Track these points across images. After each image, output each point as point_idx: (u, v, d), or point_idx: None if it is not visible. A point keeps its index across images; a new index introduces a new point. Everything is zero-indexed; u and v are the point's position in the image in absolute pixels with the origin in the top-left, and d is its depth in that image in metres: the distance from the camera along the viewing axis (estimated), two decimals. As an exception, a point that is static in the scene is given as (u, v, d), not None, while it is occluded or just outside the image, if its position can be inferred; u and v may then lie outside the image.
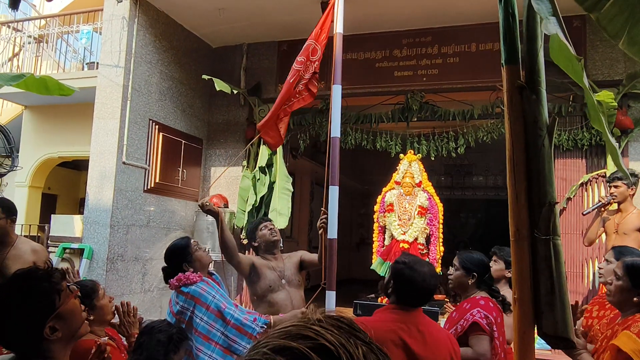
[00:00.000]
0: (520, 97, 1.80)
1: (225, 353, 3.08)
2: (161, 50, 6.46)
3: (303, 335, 0.52)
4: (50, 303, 1.51)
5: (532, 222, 1.73)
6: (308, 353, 0.50)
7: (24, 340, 1.49)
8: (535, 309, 1.71)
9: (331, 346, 0.51)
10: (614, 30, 1.85)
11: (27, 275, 1.56)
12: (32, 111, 9.03)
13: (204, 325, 3.10)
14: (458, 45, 6.29)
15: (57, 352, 1.54)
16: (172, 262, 3.28)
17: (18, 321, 1.48)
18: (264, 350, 0.52)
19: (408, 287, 2.29)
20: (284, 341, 0.52)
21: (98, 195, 5.73)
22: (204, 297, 3.14)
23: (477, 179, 12.30)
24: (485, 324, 2.68)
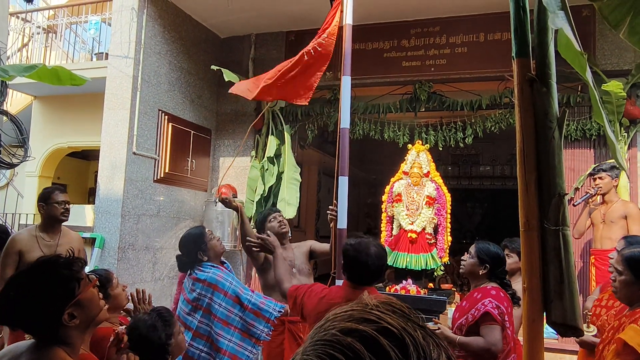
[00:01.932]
0: (531, 90, 1.82)
1: (244, 336, 3.17)
2: (170, 40, 6.48)
3: (366, 319, 0.57)
4: (70, 290, 1.57)
5: (542, 213, 1.76)
6: (375, 335, 0.54)
7: (44, 325, 1.55)
8: (545, 298, 1.75)
9: (394, 329, 0.55)
10: (616, 19, 1.87)
11: (50, 263, 1.62)
12: (41, 102, 9.10)
13: (222, 311, 3.19)
14: (466, 35, 6.28)
15: (75, 338, 1.59)
16: (187, 251, 3.35)
17: (39, 306, 1.54)
18: (332, 332, 0.56)
19: (353, 266, 2.48)
20: (350, 324, 0.56)
21: (109, 185, 5.79)
22: (221, 283, 3.22)
23: (484, 168, 12.29)
24: (497, 314, 2.72)
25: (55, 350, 1.53)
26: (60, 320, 1.53)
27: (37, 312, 1.53)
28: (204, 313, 3.22)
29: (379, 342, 0.54)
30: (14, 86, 7.60)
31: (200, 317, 3.23)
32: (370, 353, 0.53)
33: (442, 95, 6.35)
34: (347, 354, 0.53)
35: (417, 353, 0.54)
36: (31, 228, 3.74)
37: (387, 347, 0.53)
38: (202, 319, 3.23)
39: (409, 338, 0.55)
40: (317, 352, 0.55)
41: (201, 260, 3.34)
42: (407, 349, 0.54)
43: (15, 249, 3.51)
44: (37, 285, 1.55)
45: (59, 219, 3.69)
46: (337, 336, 0.56)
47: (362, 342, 0.54)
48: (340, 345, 0.54)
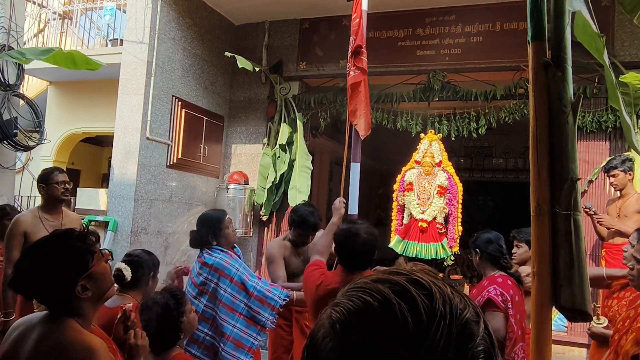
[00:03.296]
0: (546, 74, 1.81)
1: (249, 323, 3.18)
2: (184, 27, 6.50)
3: (397, 273, 0.60)
4: (84, 263, 1.61)
5: (553, 198, 1.75)
6: (405, 283, 0.57)
7: (58, 296, 1.59)
8: (554, 283, 1.75)
9: (423, 281, 0.58)
10: (631, 5, 1.85)
11: (65, 235, 1.65)
12: (56, 87, 9.19)
13: (227, 297, 3.20)
14: (482, 25, 6.21)
15: (87, 310, 1.63)
16: (201, 229, 3.37)
17: (53, 277, 1.58)
18: (365, 280, 0.59)
19: (342, 251, 2.55)
20: (382, 275, 0.59)
21: (122, 170, 5.85)
22: (227, 269, 3.23)
23: (497, 161, 12.18)
24: (500, 301, 2.73)
25: (68, 321, 1.57)
26: (73, 291, 1.57)
27: (52, 282, 1.57)
28: (210, 297, 3.25)
29: (407, 288, 0.56)
30: (29, 71, 7.68)
31: (206, 301, 3.25)
32: (397, 297, 0.55)
33: (455, 85, 6.30)
34: (375, 297, 0.56)
35: (443, 300, 0.56)
36: (33, 209, 3.76)
37: (414, 293, 0.56)
38: (208, 303, 3.25)
39: (436, 288, 0.57)
40: (349, 296, 0.58)
41: (210, 244, 3.36)
42: (434, 297, 0.56)
43: (20, 229, 3.54)
44: (52, 256, 1.59)
45: (60, 199, 3.69)
46: (368, 284, 0.59)
47: (391, 289, 0.57)
48: (370, 290, 0.57)
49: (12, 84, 5.38)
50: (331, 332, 0.57)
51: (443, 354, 0.52)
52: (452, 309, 0.56)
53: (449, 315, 0.55)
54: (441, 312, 0.55)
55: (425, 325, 0.53)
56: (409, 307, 0.54)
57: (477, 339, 0.55)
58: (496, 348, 0.58)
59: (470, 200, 11.54)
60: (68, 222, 3.70)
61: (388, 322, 0.54)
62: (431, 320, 0.54)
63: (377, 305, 0.55)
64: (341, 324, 0.56)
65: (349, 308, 0.57)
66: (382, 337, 0.53)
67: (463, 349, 0.54)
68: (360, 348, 0.53)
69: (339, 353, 0.55)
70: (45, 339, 1.54)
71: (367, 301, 0.56)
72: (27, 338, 1.56)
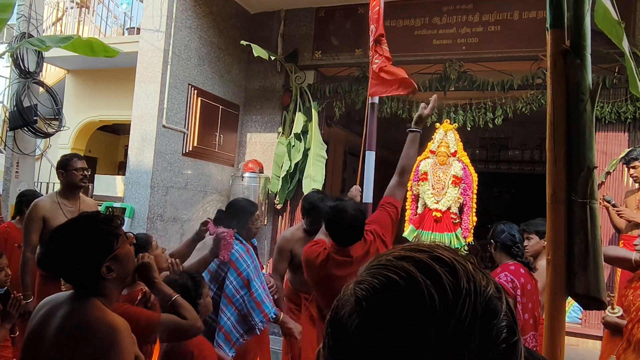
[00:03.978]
0: (564, 62, 1.79)
1: (240, 320, 3.21)
2: (201, 15, 6.52)
3: (419, 250, 0.60)
4: (109, 244, 1.65)
5: (570, 186, 1.75)
6: (428, 261, 0.57)
7: (83, 276, 1.64)
8: (568, 270, 1.75)
9: (446, 258, 0.58)
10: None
11: (92, 218, 1.70)
12: (74, 75, 9.29)
13: (231, 289, 3.23)
14: (500, 13, 6.14)
15: (111, 290, 1.68)
16: (229, 214, 3.38)
17: (80, 257, 1.63)
18: (387, 258, 0.60)
19: (330, 227, 2.64)
20: (404, 252, 0.60)
21: (139, 157, 5.92)
22: (239, 262, 3.25)
23: (513, 152, 12.07)
24: (509, 288, 2.78)
25: (93, 300, 1.62)
26: (98, 272, 1.61)
27: (78, 262, 1.62)
28: (219, 287, 3.29)
29: (431, 266, 0.57)
30: (48, 59, 7.77)
31: (216, 289, 3.29)
32: (422, 275, 0.56)
33: (472, 75, 6.25)
34: (400, 275, 0.56)
35: (467, 278, 0.56)
36: (52, 194, 3.81)
37: (439, 271, 0.56)
38: (217, 291, 3.29)
39: (459, 265, 0.58)
40: (372, 273, 0.59)
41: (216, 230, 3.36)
42: (458, 274, 0.56)
43: (40, 214, 3.59)
44: (79, 237, 1.64)
45: (78, 185, 3.74)
46: (391, 261, 0.59)
47: (415, 266, 0.57)
48: (395, 267, 0.58)
49: (32, 72, 5.46)
50: (357, 309, 0.57)
51: (469, 331, 0.53)
52: (476, 285, 0.56)
53: (473, 292, 0.55)
54: (466, 289, 0.55)
55: (451, 303, 0.54)
56: (434, 284, 0.55)
57: (500, 315, 0.56)
58: (517, 323, 0.58)
59: (485, 191, 11.46)
60: (85, 208, 3.75)
61: (415, 300, 0.54)
62: (457, 298, 0.54)
63: (403, 284, 0.56)
64: (367, 302, 0.57)
65: (374, 285, 0.57)
66: (410, 315, 0.54)
67: (488, 325, 0.55)
68: (387, 325, 0.54)
69: (366, 330, 0.55)
70: (70, 317, 1.59)
71: (392, 279, 0.56)
72: (54, 316, 1.61)
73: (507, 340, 0.55)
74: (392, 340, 0.53)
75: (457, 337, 0.53)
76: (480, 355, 0.53)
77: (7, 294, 2.84)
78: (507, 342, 0.55)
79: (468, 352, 0.53)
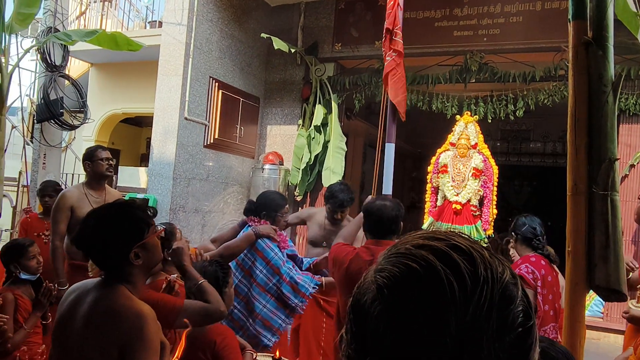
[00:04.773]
0: (586, 53, 1.79)
1: (279, 305, 3.29)
2: (222, 8, 6.57)
3: (436, 238, 0.62)
4: (141, 231, 1.71)
5: (591, 178, 1.75)
6: (446, 249, 0.60)
7: (113, 258, 1.70)
8: (588, 262, 1.76)
9: (463, 246, 0.61)
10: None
11: (128, 204, 1.78)
12: (98, 68, 9.44)
13: (262, 278, 3.31)
14: (522, 4, 6.06)
15: (137, 277, 1.74)
16: (260, 205, 3.45)
17: (112, 239, 1.69)
18: (406, 246, 0.62)
19: (369, 217, 2.65)
20: (421, 241, 0.62)
21: (162, 149, 6.02)
22: (267, 252, 3.33)
23: (534, 145, 11.91)
24: (530, 279, 2.79)
25: (120, 287, 1.68)
26: (127, 257, 1.67)
27: (109, 244, 1.68)
28: (245, 275, 3.35)
29: (449, 254, 0.59)
30: (72, 53, 7.90)
31: (241, 277, 3.36)
32: (441, 263, 0.58)
33: (493, 67, 6.19)
34: (420, 263, 0.59)
35: (484, 265, 0.59)
36: (78, 185, 3.90)
37: (457, 259, 0.58)
38: (242, 279, 3.35)
39: (476, 253, 0.60)
40: (392, 262, 0.61)
41: (258, 222, 3.43)
42: (475, 262, 0.59)
43: (67, 204, 3.67)
44: (114, 219, 1.71)
45: (104, 174, 3.82)
46: (410, 250, 0.61)
47: (434, 254, 0.59)
48: (414, 256, 0.60)
49: (58, 65, 5.58)
50: (379, 296, 0.59)
51: (487, 317, 0.56)
52: (492, 272, 0.58)
53: (490, 279, 0.58)
54: (484, 276, 0.58)
55: (470, 290, 0.56)
56: (453, 272, 0.57)
57: (517, 301, 0.58)
58: (533, 308, 0.61)
59: (506, 184, 11.36)
60: (110, 198, 3.84)
61: (435, 288, 0.57)
62: (475, 285, 0.57)
63: (423, 272, 0.58)
64: (389, 289, 0.59)
65: (395, 274, 0.60)
66: (430, 303, 0.56)
67: (505, 310, 0.57)
68: (409, 312, 0.57)
69: (388, 317, 0.58)
70: (98, 304, 1.65)
71: (412, 267, 0.59)
72: (82, 302, 1.67)
73: (523, 325, 0.58)
74: (414, 326, 0.56)
75: (475, 323, 0.55)
76: (497, 339, 0.56)
77: (39, 281, 2.93)
78: (523, 326, 0.58)
79: (486, 336, 0.55)
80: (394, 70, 3.60)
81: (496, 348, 0.55)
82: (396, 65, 3.61)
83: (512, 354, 0.56)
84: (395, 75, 3.59)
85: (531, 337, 0.59)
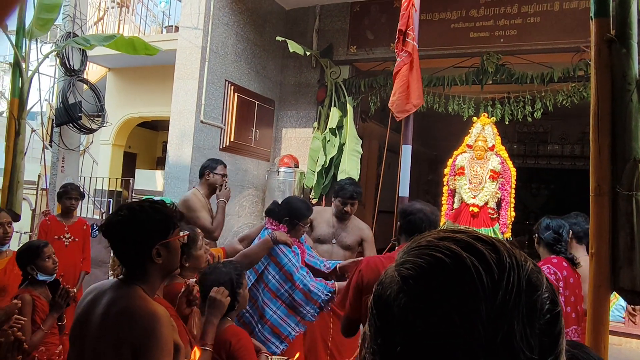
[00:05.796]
0: (609, 51, 1.76)
1: (290, 313, 3.25)
2: (237, 12, 6.61)
3: (457, 231, 0.63)
4: (166, 229, 1.72)
5: (615, 178, 1.72)
6: (468, 239, 0.60)
7: (134, 252, 1.71)
8: (613, 264, 1.72)
9: (483, 236, 0.61)
10: None
11: (160, 202, 1.80)
12: (115, 73, 9.56)
13: (274, 283, 3.28)
14: (540, 4, 5.99)
15: (154, 278, 1.74)
16: (283, 210, 3.43)
17: (139, 231, 1.70)
18: (428, 238, 0.62)
19: (406, 218, 2.58)
20: (443, 234, 0.62)
21: (178, 152, 6.05)
22: (280, 257, 3.30)
23: (552, 147, 11.78)
24: (552, 279, 2.76)
25: (135, 288, 1.68)
26: (149, 253, 1.67)
27: (135, 235, 1.70)
28: (258, 278, 3.33)
29: (473, 244, 0.59)
30: (90, 58, 8.02)
31: (254, 280, 3.34)
32: (466, 252, 0.58)
33: (510, 68, 6.13)
34: (445, 253, 0.59)
35: (508, 253, 0.59)
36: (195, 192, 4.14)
37: (481, 248, 0.59)
38: (255, 283, 3.34)
39: (498, 243, 0.60)
40: (415, 254, 0.61)
41: (277, 227, 3.40)
42: (499, 250, 0.59)
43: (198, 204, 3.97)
44: (144, 213, 1.73)
45: (216, 187, 4.10)
46: (433, 242, 0.61)
47: (458, 245, 0.59)
48: (438, 247, 0.60)
49: (76, 70, 5.65)
50: (404, 287, 0.59)
51: (516, 303, 0.55)
52: (517, 260, 0.58)
53: (516, 266, 0.58)
54: (509, 263, 0.57)
55: (497, 277, 0.56)
56: (479, 260, 0.57)
57: (543, 287, 0.58)
58: (558, 295, 0.60)
59: (523, 187, 11.23)
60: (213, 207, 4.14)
61: (463, 276, 0.56)
62: (502, 272, 0.56)
63: (450, 261, 0.58)
64: (414, 279, 0.59)
65: (420, 264, 0.59)
66: (459, 290, 0.56)
67: (533, 296, 0.57)
68: (437, 301, 0.56)
69: (416, 307, 0.57)
70: (113, 304, 1.66)
71: (438, 257, 0.58)
72: (99, 302, 1.69)
73: (551, 311, 0.58)
74: (444, 314, 0.55)
75: (505, 310, 0.55)
76: (528, 324, 0.55)
77: (56, 283, 2.95)
78: (551, 312, 0.58)
79: (517, 321, 0.55)
80: (400, 71, 3.60)
81: (527, 334, 0.55)
82: (403, 65, 3.60)
83: (543, 342, 0.56)
84: (400, 76, 3.59)
85: (559, 324, 0.59)
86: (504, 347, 0.54)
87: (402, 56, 3.65)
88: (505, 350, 0.54)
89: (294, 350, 3.32)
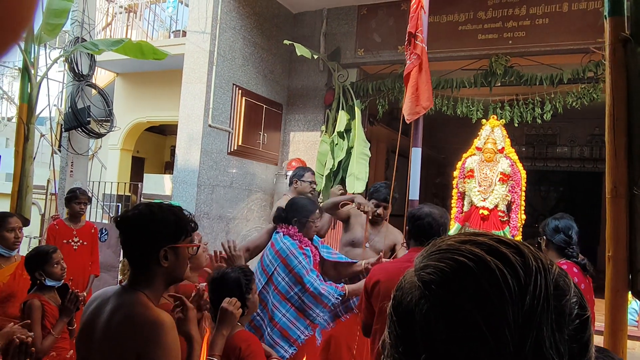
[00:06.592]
0: (624, 50, 1.73)
1: (299, 316, 3.22)
2: (244, 16, 6.62)
3: (478, 234, 0.60)
4: (179, 233, 1.70)
5: (631, 179, 1.69)
6: (491, 242, 0.58)
7: (143, 249, 1.68)
8: (630, 267, 1.69)
9: (506, 239, 0.59)
10: None
11: (179, 207, 1.80)
12: (123, 78, 9.60)
13: (284, 285, 3.25)
14: (548, 6, 5.96)
15: (159, 284, 1.72)
16: (290, 212, 3.41)
17: (152, 228, 1.68)
18: (449, 242, 0.60)
19: (415, 223, 2.54)
20: (464, 237, 0.60)
21: (186, 157, 6.06)
22: (290, 259, 3.26)
23: (561, 149, 11.69)
24: None
25: (138, 294, 1.66)
26: (156, 254, 1.65)
27: (148, 232, 1.67)
28: (268, 280, 3.31)
29: (497, 247, 0.57)
30: (99, 63, 8.05)
31: (264, 282, 3.31)
32: (491, 256, 0.55)
33: (519, 70, 6.09)
34: (468, 257, 0.56)
35: (534, 256, 0.56)
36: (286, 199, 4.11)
37: (505, 251, 0.56)
38: (265, 285, 3.31)
39: (522, 246, 0.58)
40: (436, 259, 0.59)
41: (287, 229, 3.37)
42: (524, 253, 0.56)
43: None
44: (161, 213, 1.70)
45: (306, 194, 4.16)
46: (454, 245, 0.59)
47: (481, 248, 0.57)
48: (460, 251, 0.57)
49: (85, 75, 5.68)
50: (426, 293, 0.57)
51: (545, 307, 0.53)
52: (543, 263, 0.56)
53: (542, 270, 0.55)
54: (535, 267, 0.55)
55: (524, 281, 0.54)
56: (504, 264, 0.55)
57: (571, 292, 0.56)
58: (585, 300, 0.58)
59: (532, 190, 11.15)
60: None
61: (488, 280, 0.54)
62: (528, 275, 0.54)
63: (473, 265, 0.55)
64: (437, 285, 0.56)
65: (442, 269, 0.57)
66: (486, 295, 0.54)
67: (562, 300, 0.55)
68: (462, 306, 0.54)
69: (439, 312, 0.55)
70: (116, 312, 1.64)
71: (461, 261, 0.56)
72: (103, 310, 1.67)
73: (580, 316, 0.56)
74: (470, 320, 0.53)
75: (533, 315, 0.53)
76: (558, 330, 0.53)
77: (65, 287, 2.95)
78: (580, 317, 0.56)
79: (546, 327, 0.53)
80: (409, 74, 3.59)
81: (557, 341, 0.53)
82: (413, 68, 3.59)
83: (572, 348, 0.54)
84: (409, 78, 3.58)
85: (589, 330, 0.56)
86: (533, 354, 0.52)
87: (411, 59, 3.64)
88: (534, 357, 0.52)
89: (303, 355, 3.30)
